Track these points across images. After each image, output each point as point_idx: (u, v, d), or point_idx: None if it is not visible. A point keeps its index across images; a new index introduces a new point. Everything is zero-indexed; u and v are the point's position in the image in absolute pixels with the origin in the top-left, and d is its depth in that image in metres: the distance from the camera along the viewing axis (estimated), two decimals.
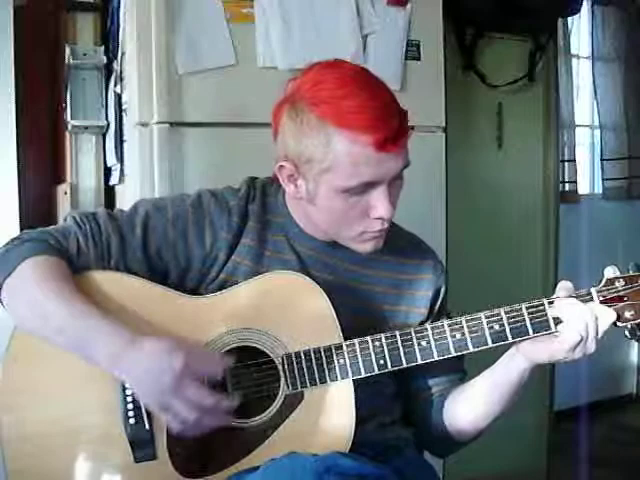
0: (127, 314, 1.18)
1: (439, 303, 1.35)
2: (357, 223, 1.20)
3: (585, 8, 3.48)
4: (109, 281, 1.20)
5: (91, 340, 1.10)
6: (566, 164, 3.50)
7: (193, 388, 1.07)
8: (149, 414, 1.15)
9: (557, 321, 1.15)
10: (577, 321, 1.12)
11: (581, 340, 1.12)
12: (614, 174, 3.76)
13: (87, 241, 1.21)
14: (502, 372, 1.23)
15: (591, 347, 1.13)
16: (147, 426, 1.15)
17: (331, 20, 1.92)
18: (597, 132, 3.82)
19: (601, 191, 3.83)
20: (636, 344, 3.85)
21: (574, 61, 3.62)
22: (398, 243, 1.33)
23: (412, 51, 2.05)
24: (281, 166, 1.22)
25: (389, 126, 1.13)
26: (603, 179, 3.80)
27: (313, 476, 1.01)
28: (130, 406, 1.15)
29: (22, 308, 1.16)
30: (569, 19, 3.38)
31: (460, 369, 1.34)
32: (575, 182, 3.58)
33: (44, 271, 1.15)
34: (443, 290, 1.35)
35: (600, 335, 1.13)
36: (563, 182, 3.45)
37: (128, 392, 1.15)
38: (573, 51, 3.60)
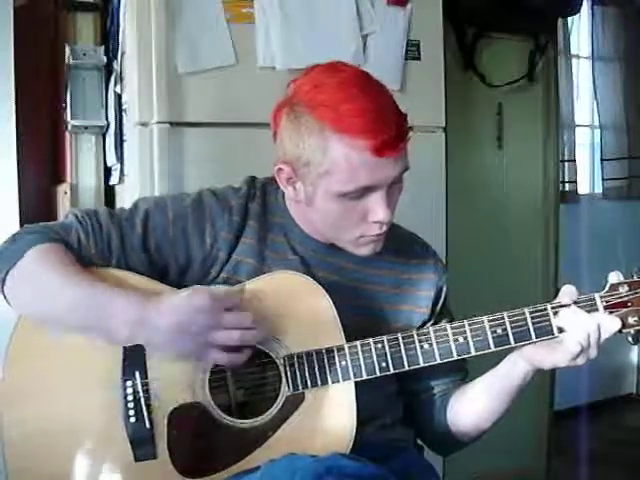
0: None
1: (441, 303, 1.35)
2: (355, 227, 1.20)
3: (585, 8, 3.48)
4: (112, 279, 1.20)
5: (106, 312, 1.11)
6: (566, 164, 3.50)
7: (228, 315, 1.11)
8: (150, 413, 1.15)
9: (560, 329, 1.15)
10: (580, 331, 1.12)
11: (583, 349, 1.12)
12: (614, 174, 3.76)
13: (88, 237, 1.21)
14: (505, 374, 1.23)
15: (593, 354, 1.13)
16: (148, 425, 1.15)
17: (331, 20, 1.92)
18: (597, 132, 3.82)
19: (601, 191, 3.83)
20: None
21: (574, 61, 3.63)
22: (399, 243, 1.33)
23: (412, 51, 2.05)
24: (280, 169, 1.22)
25: (387, 131, 1.12)
26: (603, 179, 3.81)
27: (313, 477, 1.01)
28: (131, 405, 1.15)
29: (30, 294, 1.16)
30: (569, 19, 3.38)
31: (462, 369, 1.34)
32: (575, 182, 3.58)
33: (48, 256, 1.15)
34: (445, 290, 1.35)
35: (602, 341, 1.14)
36: (563, 182, 3.45)
37: (129, 390, 1.15)
38: (573, 51, 3.60)
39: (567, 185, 3.53)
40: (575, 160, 3.57)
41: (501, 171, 2.61)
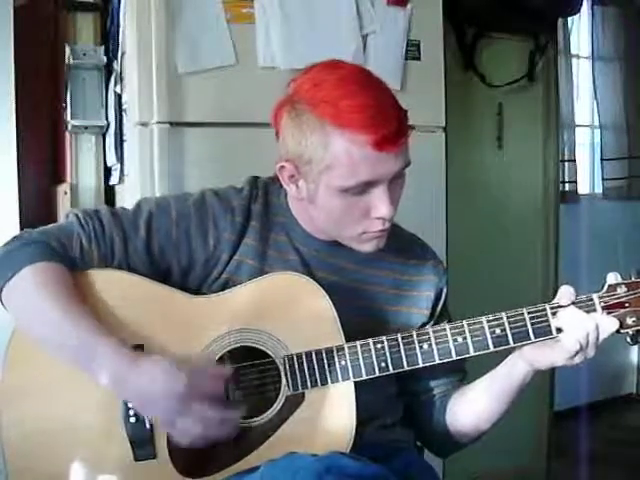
0: (129, 313, 1.19)
1: (441, 304, 1.35)
2: (358, 223, 1.20)
3: (585, 8, 3.48)
4: (111, 280, 1.20)
5: (92, 360, 1.10)
6: (566, 164, 3.50)
7: (197, 406, 1.07)
8: None
9: (559, 329, 1.15)
10: (578, 330, 1.13)
11: (580, 348, 1.12)
12: (614, 174, 3.76)
13: (90, 243, 1.21)
14: (504, 375, 1.23)
15: (591, 353, 1.14)
16: (147, 425, 1.15)
17: (331, 20, 1.92)
18: (597, 132, 3.82)
19: (601, 191, 3.83)
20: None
21: (574, 61, 3.63)
22: (400, 243, 1.33)
23: (412, 51, 2.05)
24: (282, 167, 1.22)
25: (388, 125, 1.13)
26: (603, 179, 3.81)
27: (313, 476, 1.01)
28: (130, 405, 1.15)
29: (22, 315, 1.16)
30: (569, 19, 3.38)
31: (461, 370, 1.34)
32: (575, 182, 3.58)
33: (44, 280, 1.14)
34: (445, 291, 1.35)
35: (600, 341, 1.14)
36: (563, 182, 3.45)
37: None
38: (573, 51, 3.60)
39: (567, 185, 3.53)
40: (575, 160, 3.57)
41: (501, 171, 2.61)
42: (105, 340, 1.10)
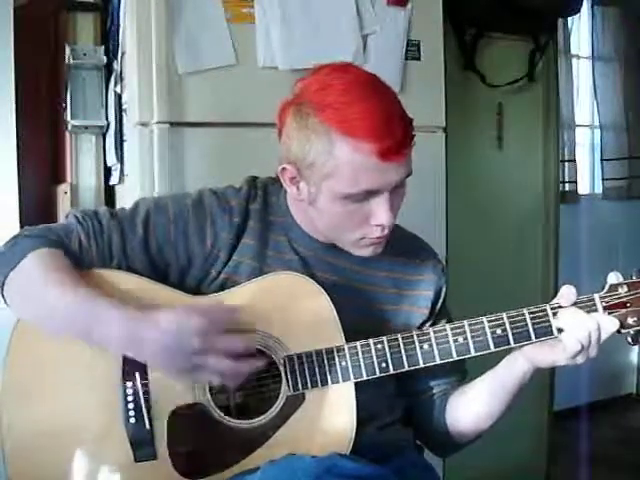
0: None
1: (440, 303, 1.35)
2: (357, 229, 1.20)
3: (585, 8, 3.48)
4: (110, 279, 1.20)
5: (101, 326, 1.10)
6: (566, 164, 3.50)
7: (220, 338, 1.08)
8: (150, 413, 1.15)
9: (560, 330, 1.15)
10: (579, 331, 1.13)
11: (582, 348, 1.12)
12: (614, 174, 3.76)
13: (89, 239, 1.21)
14: (504, 374, 1.23)
15: (593, 353, 1.14)
16: (147, 426, 1.15)
17: (331, 20, 1.92)
18: (597, 132, 3.82)
19: (601, 191, 3.83)
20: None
21: (574, 61, 3.63)
22: (399, 243, 1.32)
23: (412, 51, 2.05)
24: (284, 168, 1.22)
25: (393, 135, 1.12)
26: (603, 179, 3.81)
27: (312, 477, 1.02)
28: (131, 405, 1.15)
29: (27, 301, 1.16)
30: (569, 19, 3.38)
31: (461, 370, 1.34)
32: (575, 182, 3.58)
33: (46, 262, 1.15)
34: (444, 290, 1.35)
35: (602, 341, 1.14)
36: (563, 182, 3.45)
37: (129, 391, 1.15)
38: (573, 51, 3.60)
39: (567, 185, 3.53)
40: (575, 160, 3.57)
41: (501, 171, 2.61)
42: (111, 305, 1.11)
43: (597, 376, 3.28)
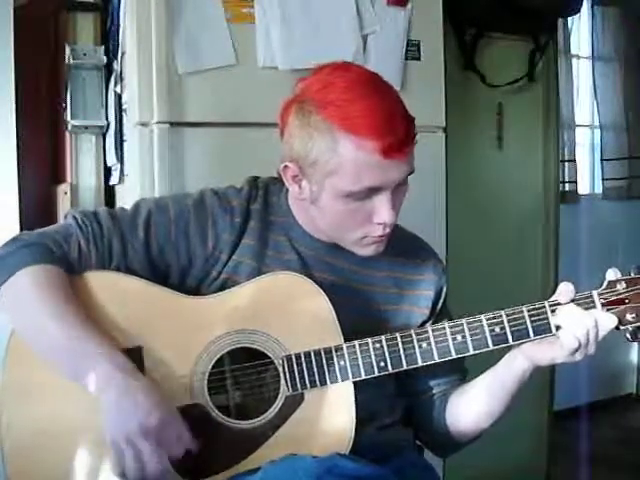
0: (127, 315, 1.19)
1: (441, 303, 1.35)
2: (359, 227, 1.20)
3: (585, 8, 3.48)
4: (110, 282, 1.20)
5: (84, 367, 1.10)
6: (566, 164, 3.50)
7: (148, 446, 1.06)
8: None
9: (558, 326, 1.15)
10: (577, 328, 1.13)
11: (580, 345, 1.12)
12: (614, 174, 3.76)
13: (89, 244, 1.20)
14: (504, 373, 1.23)
15: (591, 350, 1.14)
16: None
17: (331, 20, 1.92)
18: (597, 132, 3.82)
19: (601, 191, 3.83)
20: (636, 344, 3.85)
21: (574, 61, 3.63)
22: (399, 243, 1.32)
23: (412, 51, 2.05)
24: (286, 166, 1.22)
25: (396, 133, 1.12)
26: (603, 179, 3.81)
27: (314, 478, 1.02)
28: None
29: (16, 318, 1.17)
30: (569, 19, 3.38)
31: (461, 369, 1.34)
32: (575, 182, 3.58)
33: (39, 282, 1.14)
34: (444, 290, 1.35)
35: (600, 338, 1.14)
36: (563, 182, 3.45)
37: None
38: (573, 51, 3.60)
39: (567, 185, 3.53)
40: (575, 160, 3.57)
41: (501, 171, 2.61)
42: (91, 346, 1.10)
43: (597, 376, 3.28)
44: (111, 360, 1.10)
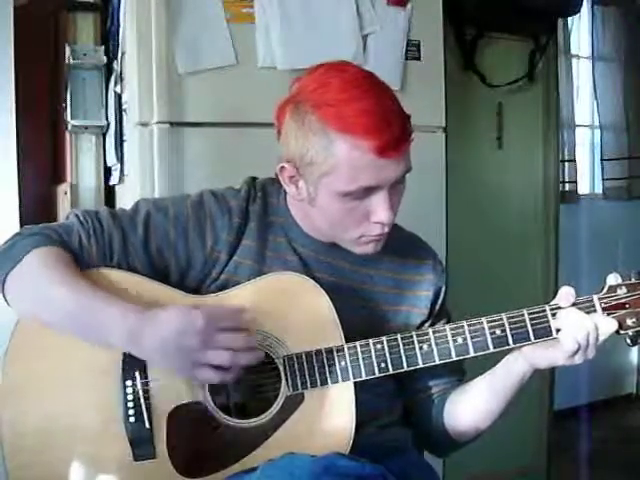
0: None
1: (439, 303, 1.35)
2: (357, 226, 1.20)
3: (585, 8, 3.48)
4: (111, 279, 1.20)
5: (103, 322, 1.11)
6: (566, 164, 3.50)
7: (221, 335, 1.09)
8: (149, 412, 1.15)
9: (558, 329, 1.15)
10: (577, 331, 1.13)
11: (579, 348, 1.12)
12: (614, 174, 3.76)
13: (89, 238, 1.21)
14: (503, 374, 1.23)
15: (591, 354, 1.14)
16: (147, 424, 1.15)
17: (331, 20, 1.92)
18: (597, 132, 3.82)
19: (601, 191, 3.83)
20: None
21: (574, 61, 3.63)
22: (399, 243, 1.33)
23: (412, 51, 2.05)
24: (282, 167, 1.22)
25: (391, 132, 1.12)
26: (603, 179, 3.81)
27: (311, 477, 1.01)
28: (130, 404, 1.15)
29: (28, 298, 1.17)
30: (569, 19, 3.38)
31: (460, 369, 1.34)
32: (575, 182, 3.58)
33: (47, 260, 1.15)
34: (443, 290, 1.35)
35: (600, 342, 1.14)
36: (563, 182, 3.45)
37: (128, 390, 1.16)
38: (573, 51, 3.60)
39: (567, 185, 3.53)
40: (575, 160, 3.57)
41: (501, 171, 2.61)
42: (112, 302, 1.12)
43: (597, 376, 3.28)
44: (125, 312, 1.11)
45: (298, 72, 1.24)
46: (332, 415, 1.17)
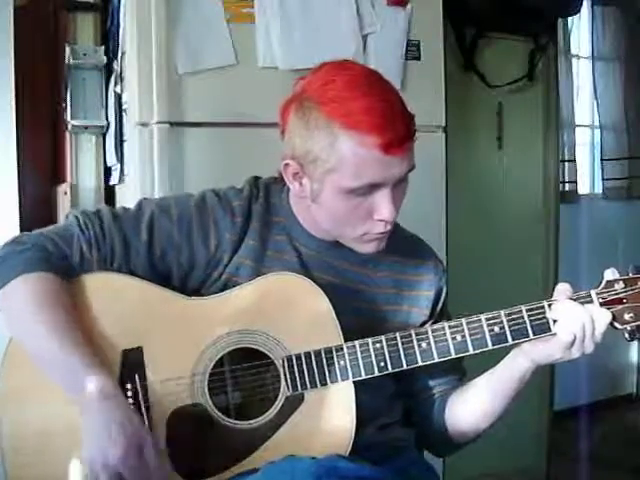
0: (128, 316, 1.18)
1: (441, 303, 1.35)
2: (360, 224, 1.20)
3: (585, 8, 3.48)
4: (111, 283, 1.20)
5: (65, 377, 1.11)
6: (566, 164, 3.50)
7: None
8: (149, 415, 1.15)
9: (554, 321, 1.16)
10: (571, 320, 1.13)
11: (575, 339, 1.13)
12: (614, 174, 3.76)
13: (91, 248, 1.20)
14: (504, 373, 1.23)
15: (589, 347, 1.14)
16: (147, 427, 1.14)
17: (331, 20, 1.92)
18: (597, 132, 3.82)
19: (601, 191, 3.83)
20: (636, 343, 3.85)
21: (574, 61, 3.62)
22: (399, 243, 1.32)
23: (412, 51, 2.05)
24: (287, 164, 1.22)
25: (396, 129, 1.13)
26: (603, 179, 3.81)
27: (313, 479, 1.01)
28: (130, 406, 1.15)
29: (11, 325, 1.16)
30: (569, 19, 3.38)
31: (460, 369, 1.34)
32: (575, 182, 3.58)
33: (35, 291, 1.13)
34: (444, 291, 1.35)
35: (598, 336, 1.14)
36: (563, 182, 3.45)
37: (128, 393, 1.15)
38: (573, 51, 3.60)
39: (567, 185, 3.53)
40: (575, 160, 3.57)
41: (501, 171, 2.61)
42: (79, 366, 1.09)
43: (597, 376, 3.28)
44: (97, 384, 1.08)
45: (298, 72, 1.24)
46: (332, 415, 1.17)
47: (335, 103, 1.14)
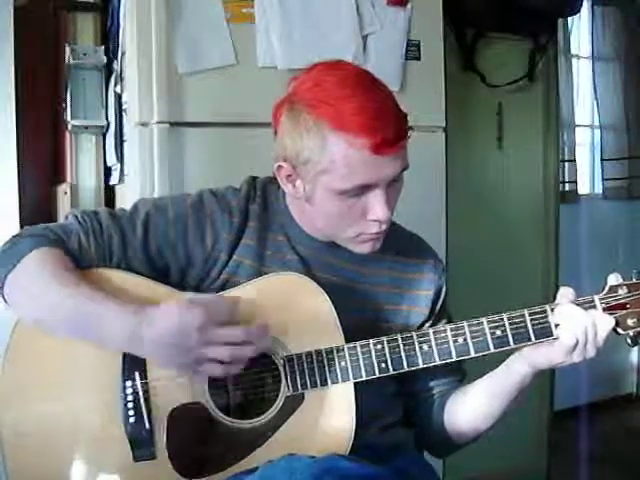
0: None
1: (440, 303, 1.35)
2: (354, 225, 1.20)
3: (585, 8, 3.48)
4: (110, 279, 1.20)
5: (102, 325, 1.11)
6: (566, 164, 3.49)
7: (220, 331, 1.09)
8: (149, 413, 1.15)
9: (557, 325, 1.15)
10: (574, 325, 1.13)
11: (577, 344, 1.12)
12: (614, 174, 3.76)
13: (88, 239, 1.21)
14: (504, 376, 1.23)
15: (590, 352, 1.14)
16: (147, 425, 1.15)
17: (331, 20, 1.92)
18: (597, 132, 3.81)
19: (601, 191, 3.83)
20: None
21: (574, 61, 3.62)
22: (399, 242, 1.33)
23: (412, 51, 2.05)
24: (279, 166, 1.22)
25: (386, 129, 1.12)
26: (603, 179, 3.80)
27: (311, 478, 1.01)
28: (130, 405, 1.15)
29: (27, 300, 1.16)
30: (569, 19, 3.38)
31: (460, 370, 1.34)
32: (575, 182, 3.58)
33: (47, 261, 1.15)
34: (444, 289, 1.35)
35: (600, 341, 1.14)
36: (563, 182, 3.45)
37: (128, 391, 1.16)
38: (573, 51, 3.60)
39: (567, 185, 3.53)
40: (575, 160, 3.57)
41: (501, 171, 2.61)
42: (110, 305, 1.11)
43: (597, 376, 3.28)
44: (124, 314, 1.10)
45: (298, 72, 1.24)
46: (332, 415, 1.17)
47: (325, 104, 1.14)
